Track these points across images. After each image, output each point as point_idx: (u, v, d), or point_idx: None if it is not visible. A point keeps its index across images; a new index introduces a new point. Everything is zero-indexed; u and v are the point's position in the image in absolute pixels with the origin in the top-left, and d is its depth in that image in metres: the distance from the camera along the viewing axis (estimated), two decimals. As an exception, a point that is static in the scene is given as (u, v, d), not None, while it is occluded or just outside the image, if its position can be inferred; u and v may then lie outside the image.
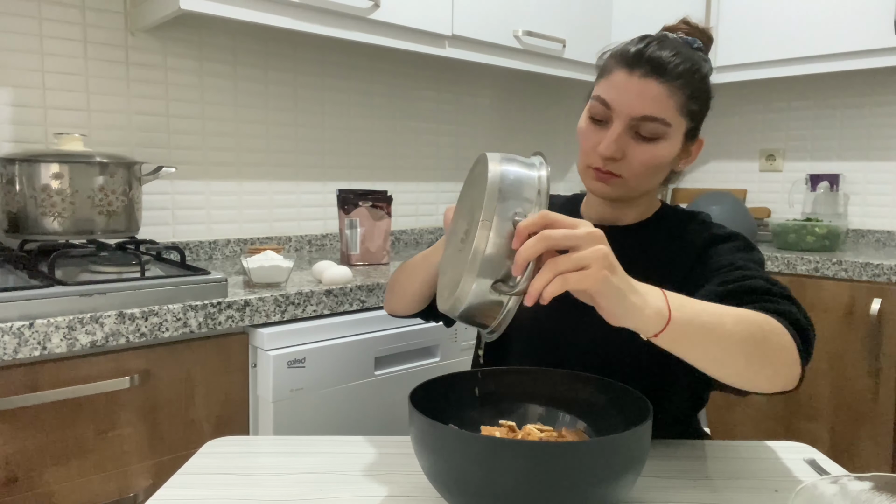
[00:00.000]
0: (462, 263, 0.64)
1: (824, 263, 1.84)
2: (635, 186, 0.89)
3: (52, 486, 1.04)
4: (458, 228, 0.74)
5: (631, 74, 0.84)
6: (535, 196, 0.64)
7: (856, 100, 2.33)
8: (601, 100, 0.87)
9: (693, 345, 0.65)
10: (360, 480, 0.75)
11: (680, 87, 0.85)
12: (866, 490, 0.59)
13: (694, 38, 0.92)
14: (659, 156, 0.87)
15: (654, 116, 0.84)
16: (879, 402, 1.77)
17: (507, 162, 0.66)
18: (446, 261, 0.75)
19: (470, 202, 0.71)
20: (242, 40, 1.75)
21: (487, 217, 0.61)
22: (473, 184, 0.71)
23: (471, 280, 0.62)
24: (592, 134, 0.88)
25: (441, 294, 0.71)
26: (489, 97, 2.37)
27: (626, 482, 0.62)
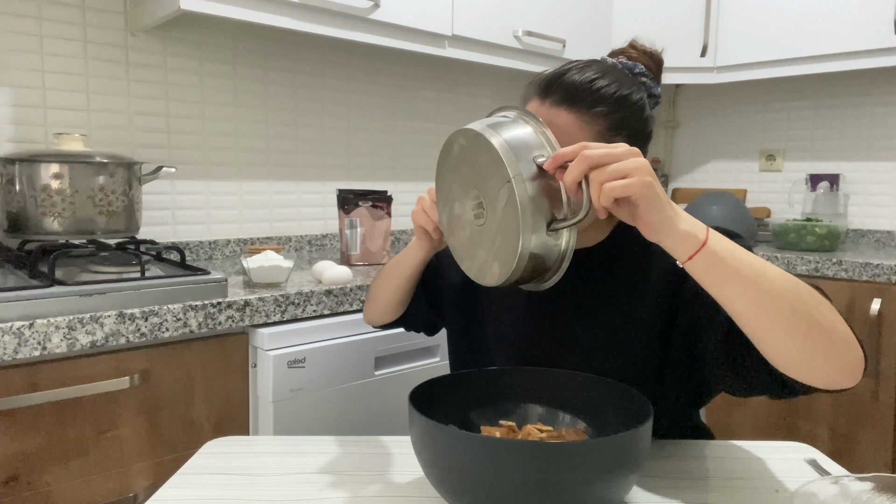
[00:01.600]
0: (505, 230, 0.66)
1: (824, 263, 1.84)
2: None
3: (52, 486, 1.04)
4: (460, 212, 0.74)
5: (542, 103, 0.79)
6: (545, 143, 0.68)
7: (856, 100, 2.33)
8: None
9: (728, 281, 0.62)
10: (360, 480, 0.75)
11: (602, 113, 0.77)
12: (867, 490, 0.59)
13: (635, 63, 0.85)
14: None
15: None
16: (879, 402, 1.77)
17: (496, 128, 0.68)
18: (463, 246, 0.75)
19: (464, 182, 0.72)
20: (242, 40, 1.75)
21: (516, 172, 0.64)
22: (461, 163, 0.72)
23: (528, 237, 0.64)
24: None
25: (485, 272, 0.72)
26: (489, 97, 2.37)
27: (626, 482, 0.62)
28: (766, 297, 0.61)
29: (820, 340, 0.61)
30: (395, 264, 0.97)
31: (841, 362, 0.62)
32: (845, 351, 0.62)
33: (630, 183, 0.61)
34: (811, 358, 0.62)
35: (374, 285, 1.03)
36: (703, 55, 2.28)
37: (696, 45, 2.28)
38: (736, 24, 2.24)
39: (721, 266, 0.62)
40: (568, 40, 2.06)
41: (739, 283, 0.62)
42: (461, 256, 0.77)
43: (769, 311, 0.61)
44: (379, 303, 1.01)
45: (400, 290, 0.95)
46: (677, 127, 2.82)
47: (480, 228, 0.71)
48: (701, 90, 2.73)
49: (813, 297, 0.63)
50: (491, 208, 0.68)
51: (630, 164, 0.62)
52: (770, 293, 0.61)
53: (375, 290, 1.02)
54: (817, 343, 0.61)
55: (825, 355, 0.62)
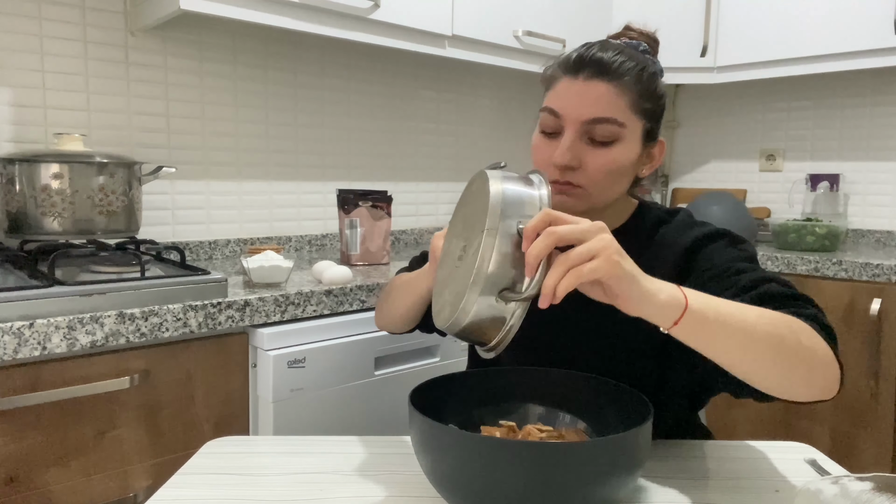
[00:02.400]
0: (464, 278, 0.63)
1: (824, 263, 1.84)
2: (598, 196, 0.85)
3: (52, 486, 1.04)
4: (452, 249, 0.72)
5: (575, 79, 0.82)
6: (536, 212, 0.63)
7: (856, 100, 2.33)
8: (549, 110, 0.84)
9: (714, 337, 0.63)
10: (360, 480, 0.75)
11: (628, 84, 0.82)
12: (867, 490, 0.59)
13: (639, 42, 0.90)
14: (617, 160, 0.83)
15: (604, 117, 0.81)
16: (879, 402, 1.77)
17: (507, 180, 0.65)
18: (442, 281, 0.73)
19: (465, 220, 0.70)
20: (242, 40, 1.75)
21: (492, 226, 0.61)
22: (470, 201, 0.70)
23: (476, 292, 0.61)
24: (546, 148, 0.85)
25: (440, 312, 0.69)
26: (489, 97, 2.37)
27: (626, 482, 0.62)
28: (749, 343, 0.64)
29: (799, 369, 0.66)
30: (408, 283, 0.94)
31: (819, 385, 0.68)
32: (823, 373, 0.67)
33: (597, 266, 0.58)
34: (792, 385, 0.67)
35: (387, 300, 1.00)
36: (703, 55, 2.27)
37: (696, 45, 2.28)
38: (736, 24, 2.24)
39: (705, 324, 0.63)
40: (568, 40, 2.06)
41: (724, 336, 0.64)
42: (436, 290, 0.74)
43: (753, 354, 0.64)
44: (392, 316, 0.99)
45: (415, 307, 0.93)
46: (677, 127, 2.82)
47: (456, 270, 0.68)
48: (701, 90, 2.73)
49: (791, 329, 0.66)
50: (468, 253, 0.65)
51: (596, 243, 0.59)
52: (753, 338, 0.64)
53: (388, 304, 1.00)
54: (797, 372, 0.66)
55: (805, 381, 0.67)
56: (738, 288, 0.77)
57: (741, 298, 0.74)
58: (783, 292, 0.75)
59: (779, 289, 0.76)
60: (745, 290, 0.76)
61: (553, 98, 0.85)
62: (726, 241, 0.86)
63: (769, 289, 0.75)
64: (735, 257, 0.83)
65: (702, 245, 0.86)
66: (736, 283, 0.78)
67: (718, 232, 0.88)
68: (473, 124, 2.33)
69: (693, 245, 0.86)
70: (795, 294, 0.76)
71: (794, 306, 0.74)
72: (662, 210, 0.95)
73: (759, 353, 0.64)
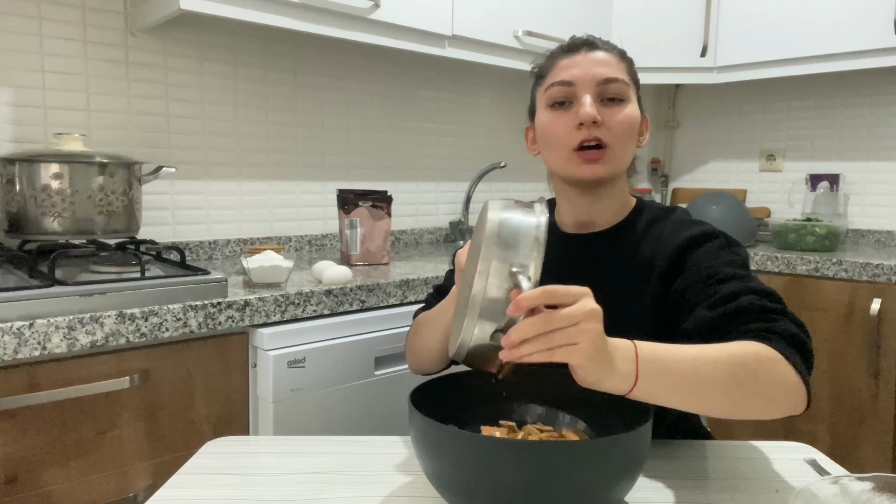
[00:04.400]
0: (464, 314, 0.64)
1: (824, 263, 1.84)
2: (620, 156, 0.90)
3: (52, 486, 1.04)
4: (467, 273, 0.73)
5: (576, 54, 0.91)
6: (532, 243, 0.64)
7: (856, 100, 2.33)
8: (558, 83, 0.90)
9: (669, 395, 0.66)
10: (360, 480, 0.75)
11: (618, 55, 0.92)
12: (867, 490, 0.59)
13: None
14: (631, 115, 0.90)
15: (615, 77, 0.89)
16: (879, 402, 1.77)
17: (507, 209, 0.66)
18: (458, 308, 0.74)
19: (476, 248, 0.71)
20: (242, 40, 1.75)
21: (484, 267, 0.62)
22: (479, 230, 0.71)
23: (472, 324, 0.62)
24: (560, 118, 0.90)
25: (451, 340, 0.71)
26: (489, 97, 2.37)
27: (626, 482, 0.62)
28: (704, 395, 0.67)
29: (757, 401, 0.69)
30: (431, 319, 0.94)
31: (780, 410, 0.71)
32: (783, 399, 0.70)
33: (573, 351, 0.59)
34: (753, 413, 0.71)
35: (416, 341, 0.99)
36: (703, 55, 2.28)
37: (696, 45, 2.28)
38: (736, 24, 2.24)
39: (656, 388, 0.65)
40: (568, 40, 2.06)
41: (676, 391, 0.67)
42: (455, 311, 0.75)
43: (708, 402, 0.68)
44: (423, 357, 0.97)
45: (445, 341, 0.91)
46: (677, 127, 2.82)
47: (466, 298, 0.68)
48: (701, 90, 2.73)
49: (747, 369, 0.68)
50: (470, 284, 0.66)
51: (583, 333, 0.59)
52: (707, 387, 0.67)
53: (418, 345, 0.98)
54: (755, 403, 0.69)
55: (763, 410, 0.70)
56: (715, 299, 0.79)
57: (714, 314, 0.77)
58: (758, 306, 0.77)
59: (755, 302, 0.77)
60: (722, 303, 0.78)
61: (558, 73, 0.91)
62: (720, 243, 0.88)
63: (744, 302, 0.77)
64: (724, 261, 0.84)
65: (694, 245, 0.87)
66: (714, 293, 0.80)
67: (713, 232, 0.89)
68: (473, 124, 2.33)
69: (685, 244, 0.87)
70: (769, 307, 0.77)
71: (767, 320, 0.76)
72: (660, 208, 0.97)
73: (715, 401, 0.68)
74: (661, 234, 0.91)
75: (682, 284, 0.84)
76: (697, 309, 0.80)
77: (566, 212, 0.98)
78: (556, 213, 1.00)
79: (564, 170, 0.91)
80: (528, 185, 2.54)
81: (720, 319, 0.77)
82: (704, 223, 0.92)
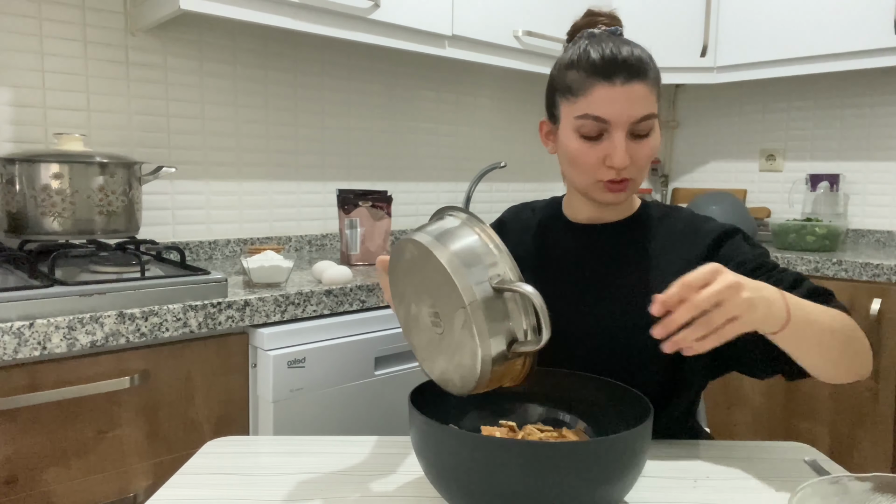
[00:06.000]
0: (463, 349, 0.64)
1: (824, 263, 1.84)
2: (640, 182, 0.92)
3: (52, 486, 1.04)
4: (417, 314, 0.71)
5: (612, 85, 0.85)
6: (495, 252, 0.65)
7: (856, 100, 2.33)
8: (594, 117, 0.86)
9: (807, 344, 0.73)
10: (360, 480, 0.75)
11: (651, 77, 0.88)
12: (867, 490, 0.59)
13: (615, 27, 0.94)
14: (655, 146, 0.91)
15: (647, 115, 0.87)
16: (879, 402, 1.77)
17: (443, 239, 0.65)
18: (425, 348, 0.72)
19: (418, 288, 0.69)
20: (242, 40, 1.75)
21: (470, 299, 0.62)
22: (413, 272, 0.69)
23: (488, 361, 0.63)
24: (591, 151, 0.88)
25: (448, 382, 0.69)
26: (489, 97, 2.37)
27: (626, 482, 0.62)
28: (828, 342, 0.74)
29: (855, 362, 0.78)
30: None
31: (862, 369, 0.80)
32: (865, 359, 0.79)
33: (739, 325, 0.64)
34: (846, 374, 0.78)
35: None
36: (703, 55, 2.27)
37: (696, 45, 2.28)
38: (736, 24, 2.24)
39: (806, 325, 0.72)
40: (568, 40, 2.06)
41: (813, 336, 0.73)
42: (422, 356, 0.73)
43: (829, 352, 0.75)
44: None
45: None
46: (677, 127, 2.82)
47: (440, 338, 0.67)
48: (701, 90, 2.73)
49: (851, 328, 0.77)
50: (448, 324, 0.65)
51: (735, 305, 0.64)
52: (832, 337, 0.74)
53: None
54: (854, 363, 0.78)
55: (855, 370, 0.79)
56: (787, 284, 0.84)
57: (796, 292, 0.82)
58: (821, 290, 0.84)
59: (817, 287, 0.84)
60: (794, 287, 0.84)
61: (592, 105, 0.86)
62: (742, 237, 0.93)
63: (810, 286, 0.84)
64: (760, 253, 0.90)
65: (725, 238, 0.92)
66: (782, 279, 0.85)
67: (734, 227, 0.94)
68: (473, 124, 2.33)
69: (719, 237, 0.92)
70: (829, 291, 0.85)
71: (832, 303, 0.82)
72: (663, 205, 1.02)
73: (833, 351, 0.75)
74: (676, 225, 0.95)
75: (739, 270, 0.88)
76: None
77: (578, 208, 0.99)
78: (567, 205, 1.02)
79: (587, 192, 0.92)
80: (529, 185, 2.54)
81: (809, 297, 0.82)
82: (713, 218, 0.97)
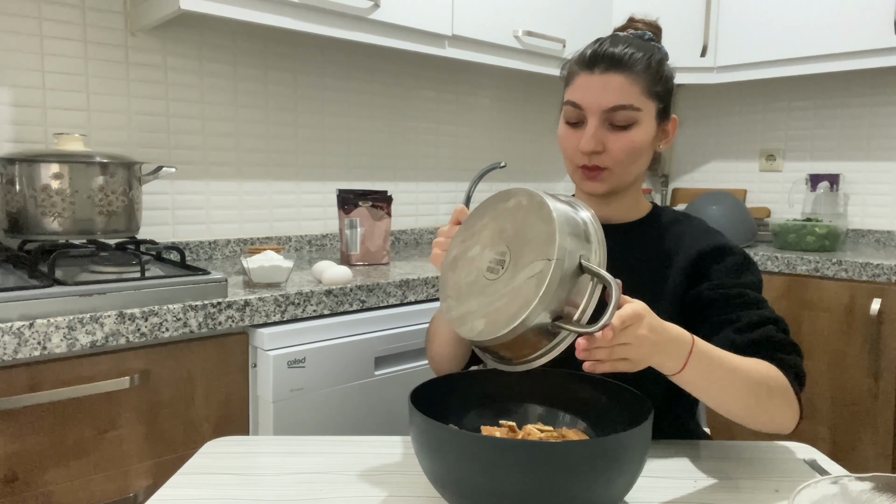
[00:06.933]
0: (514, 296, 0.66)
1: (824, 263, 1.84)
2: (622, 174, 0.93)
3: (52, 486, 1.04)
4: (475, 256, 0.72)
5: (591, 74, 0.91)
6: (594, 237, 0.69)
7: (856, 100, 2.33)
8: (572, 103, 0.93)
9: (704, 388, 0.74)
10: (360, 480, 0.75)
11: (639, 73, 0.90)
12: (867, 490, 0.59)
13: (643, 31, 0.99)
14: (636, 140, 0.91)
15: (622, 104, 0.89)
16: (879, 402, 1.77)
17: (554, 201, 0.69)
18: (461, 287, 0.73)
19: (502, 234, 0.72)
20: (242, 40, 1.75)
21: (560, 255, 0.64)
22: (510, 217, 0.72)
23: (535, 316, 0.64)
24: (571, 136, 0.94)
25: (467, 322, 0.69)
26: (489, 97, 2.37)
27: (626, 482, 0.62)
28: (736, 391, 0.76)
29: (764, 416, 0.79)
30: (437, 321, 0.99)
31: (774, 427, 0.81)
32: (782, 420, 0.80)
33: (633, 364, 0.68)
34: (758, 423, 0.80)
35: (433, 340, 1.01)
36: (703, 55, 2.27)
37: (696, 45, 2.28)
38: (736, 24, 2.24)
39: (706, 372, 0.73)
40: (568, 40, 2.06)
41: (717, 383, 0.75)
42: (448, 294, 0.74)
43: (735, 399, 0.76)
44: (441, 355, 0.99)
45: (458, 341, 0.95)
46: (677, 127, 2.81)
47: (488, 282, 0.69)
48: (701, 90, 2.73)
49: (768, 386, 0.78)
50: (512, 271, 0.67)
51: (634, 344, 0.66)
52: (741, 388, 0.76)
53: (435, 344, 1.00)
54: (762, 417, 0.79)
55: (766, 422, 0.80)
56: (740, 325, 0.86)
57: (742, 338, 0.84)
58: (777, 339, 0.85)
59: (774, 334, 0.85)
60: (748, 329, 0.86)
61: (574, 92, 0.93)
62: (740, 260, 0.93)
63: (767, 333, 0.85)
64: (746, 283, 0.90)
65: (719, 255, 0.93)
66: (739, 319, 0.87)
67: (736, 248, 0.95)
68: (473, 124, 2.33)
69: (711, 252, 0.93)
70: (787, 341, 0.86)
71: (783, 352, 0.84)
72: (678, 212, 1.03)
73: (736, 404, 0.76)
74: (682, 234, 0.97)
75: (704, 293, 0.90)
76: (725, 330, 0.87)
77: None
78: None
79: (573, 179, 0.98)
80: (528, 185, 2.54)
81: (747, 345, 0.84)
82: (722, 235, 0.98)
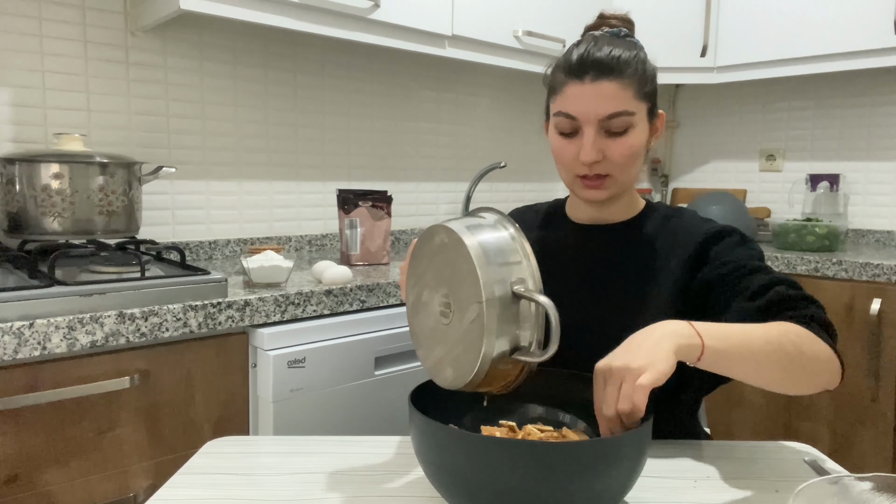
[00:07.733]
0: (466, 342, 0.65)
1: (824, 263, 1.84)
2: (623, 179, 0.93)
3: (52, 486, 1.04)
4: (427, 301, 0.72)
5: (582, 83, 0.89)
6: (522, 257, 0.67)
7: (856, 100, 2.33)
8: (564, 114, 0.90)
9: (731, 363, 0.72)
10: (360, 480, 0.75)
11: (629, 76, 0.89)
12: (867, 490, 0.59)
13: (619, 28, 0.96)
14: (635, 144, 0.91)
15: (617, 111, 0.88)
16: (879, 402, 1.77)
17: (475, 232, 0.66)
18: (425, 335, 0.73)
19: (438, 274, 0.70)
20: (242, 40, 1.75)
21: (488, 295, 0.63)
22: (438, 254, 0.70)
23: (488, 359, 0.64)
24: (567, 147, 0.92)
25: (440, 373, 0.70)
26: (489, 97, 2.37)
27: (626, 482, 0.62)
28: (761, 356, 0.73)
29: (804, 376, 0.77)
30: None
31: (822, 382, 0.79)
32: (825, 371, 0.78)
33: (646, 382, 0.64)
34: (799, 388, 0.78)
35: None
36: (703, 55, 2.27)
37: (696, 45, 2.28)
38: (736, 24, 2.24)
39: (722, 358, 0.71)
40: (568, 40, 2.06)
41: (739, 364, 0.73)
42: (419, 342, 0.74)
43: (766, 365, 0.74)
44: None
45: None
46: (677, 127, 2.82)
47: (445, 328, 0.69)
48: (701, 90, 2.73)
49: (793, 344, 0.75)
50: (458, 315, 0.66)
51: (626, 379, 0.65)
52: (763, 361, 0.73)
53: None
54: (802, 378, 0.77)
55: (809, 382, 0.78)
56: (749, 293, 0.84)
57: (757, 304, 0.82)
58: (789, 295, 0.83)
59: (785, 292, 0.83)
60: (756, 296, 0.84)
61: (564, 102, 0.91)
62: (737, 238, 0.93)
63: (777, 293, 0.83)
64: (747, 255, 0.90)
65: (716, 238, 0.93)
66: (747, 287, 0.85)
67: (731, 228, 0.95)
68: (473, 124, 2.33)
69: (708, 238, 0.93)
70: (800, 295, 0.84)
71: (799, 307, 0.82)
72: (670, 207, 1.02)
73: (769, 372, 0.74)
74: (677, 228, 0.96)
75: (709, 275, 0.89)
76: (734, 302, 0.85)
77: (579, 208, 1.02)
78: (569, 206, 1.05)
79: (571, 188, 0.97)
80: (528, 185, 2.54)
81: (761, 310, 0.82)
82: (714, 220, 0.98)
